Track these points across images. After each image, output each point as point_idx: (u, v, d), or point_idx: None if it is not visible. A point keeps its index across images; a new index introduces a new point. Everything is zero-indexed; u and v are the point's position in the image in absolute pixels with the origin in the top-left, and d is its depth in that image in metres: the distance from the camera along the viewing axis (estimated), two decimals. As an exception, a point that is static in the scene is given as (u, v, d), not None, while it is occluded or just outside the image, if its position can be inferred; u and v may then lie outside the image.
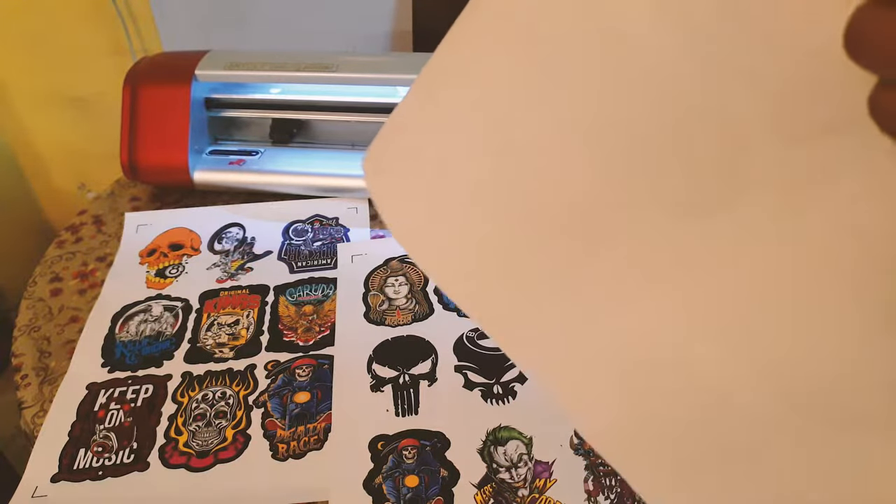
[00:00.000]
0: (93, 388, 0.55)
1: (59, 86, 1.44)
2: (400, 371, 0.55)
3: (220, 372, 0.56)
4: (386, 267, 0.65)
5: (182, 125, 0.73)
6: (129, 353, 0.58)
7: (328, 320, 0.60)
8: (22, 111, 1.49)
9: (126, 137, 0.74)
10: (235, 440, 0.51)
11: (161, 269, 0.67)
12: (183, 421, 0.53)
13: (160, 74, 0.76)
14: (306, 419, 0.52)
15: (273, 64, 0.74)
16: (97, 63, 1.38)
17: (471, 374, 0.55)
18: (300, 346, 0.58)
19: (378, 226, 0.72)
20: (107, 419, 0.53)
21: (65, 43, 1.38)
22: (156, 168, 0.74)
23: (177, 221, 0.73)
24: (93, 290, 0.65)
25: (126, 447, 0.51)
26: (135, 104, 0.74)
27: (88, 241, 0.72)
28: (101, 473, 0.49)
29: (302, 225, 0.72)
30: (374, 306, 0.61)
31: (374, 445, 0.50)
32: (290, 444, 0.51)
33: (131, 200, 0.78)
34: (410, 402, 0.53)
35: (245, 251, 0.69)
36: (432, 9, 1.16)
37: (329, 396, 0.53)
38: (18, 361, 0.59)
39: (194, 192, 0.77)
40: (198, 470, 0.49)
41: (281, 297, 0.63)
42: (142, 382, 0.56)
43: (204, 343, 0.59)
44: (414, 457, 0.49)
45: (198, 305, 0.63)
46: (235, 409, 0.53)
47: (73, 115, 1.47)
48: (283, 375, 0.56)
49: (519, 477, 0.47)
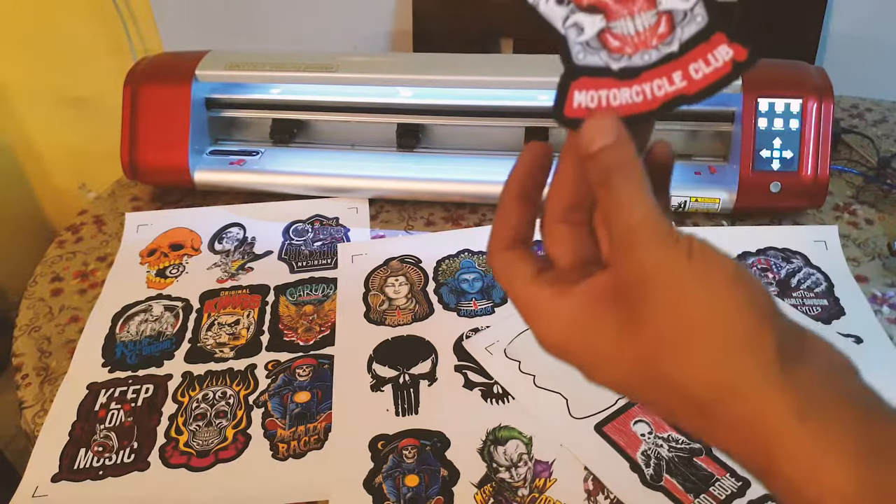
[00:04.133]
0: (93, 387, 0.55)
1: (60, 86, 1.44)
2: (400, 371, 0.55)
3: (221, 372, 0.56)
4: (386, 267, 0.65)
5: (182, 125, 0.73)
6: (129, 353, 0.58)
7: (328, 320, 0.60)
8: (22, 111, 1.49)
9: (126, 137, 0.74)
10: (236, 440, 0.51)
11: (161, 269, 0.67)
12: (183, 421, 0.53)
13: (160, 74, 0.76)
14: (306, 419, 0.52)
15: (273, 64, 0.74)
16: (97, 63, 1.39)
17: (471, 374, 0.55)
18: (300, 345, 0.58)
19: (378, 226, 0.72)
20: (107, 419, 0.53)
21: (65, 43, 1.38)
22: (156, 168, 0.74)
23: (177, 221, 0.73)
24: (93, 290, 0.65)
25: (126, 447, 0.51)
26: (135, 104, 0.74)
27: (89, 240, 0.72)
28: (102, 473, 0.49)
29: (302, 225, 0.72)
30: (374, 306, 0.61)
31: (375, 445, 0.50)
32: (291, 443, 0.51)
33: (132, 200, 0.78)
34: (410, 402, 0.53)
35: (245, 251, 0.69)
36: (432, 9, 1.16)
37: (329, 396, 0.54)
38: (19, 361, 0.59)
39: (195, 192, 0.77)
40: (198, 469, 0.49)
41: (281, 297, 0.63)
42: (142, 382, 0.56)
43: (204, 343, 0.59)
44: (414, 456, 0.49)
45: (198, 305, 0.63)
46: (236, 409, 0.53)
47: (74, 115, 1.47)
48: (284, 375, 0.56)
49: (519, 476, 0.47)
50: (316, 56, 0.75)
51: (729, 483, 0.46)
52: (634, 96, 0.26)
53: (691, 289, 0.23)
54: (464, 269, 0.64)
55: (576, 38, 0.26)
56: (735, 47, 0.25)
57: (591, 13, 0.26)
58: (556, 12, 0.26)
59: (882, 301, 0.60)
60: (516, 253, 0.28)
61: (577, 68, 0.27)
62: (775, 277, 0.62)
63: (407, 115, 0.75)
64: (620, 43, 0.26)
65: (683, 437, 0.49)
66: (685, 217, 0.70)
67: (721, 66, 0.25)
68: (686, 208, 0.69)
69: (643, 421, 0.50)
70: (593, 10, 0.26)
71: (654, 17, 0.26)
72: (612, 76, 0.26)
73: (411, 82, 0.74)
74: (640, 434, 0.49)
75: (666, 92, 0.26)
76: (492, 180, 0.71)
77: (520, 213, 0.28)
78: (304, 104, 0.77)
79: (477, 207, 0.73)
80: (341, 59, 0.74)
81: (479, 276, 0.64)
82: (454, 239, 0.68)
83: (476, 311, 0.60)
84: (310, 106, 0.77)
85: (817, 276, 0.62)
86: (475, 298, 0.61)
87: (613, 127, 0.25)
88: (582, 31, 0.26)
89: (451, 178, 0.72)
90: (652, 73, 0.26)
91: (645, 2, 0.26)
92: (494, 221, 0.28)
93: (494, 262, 0.28)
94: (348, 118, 0.77)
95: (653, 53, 0.26)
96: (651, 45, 0.26)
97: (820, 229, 0.67)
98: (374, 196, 0.74)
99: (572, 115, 0.26)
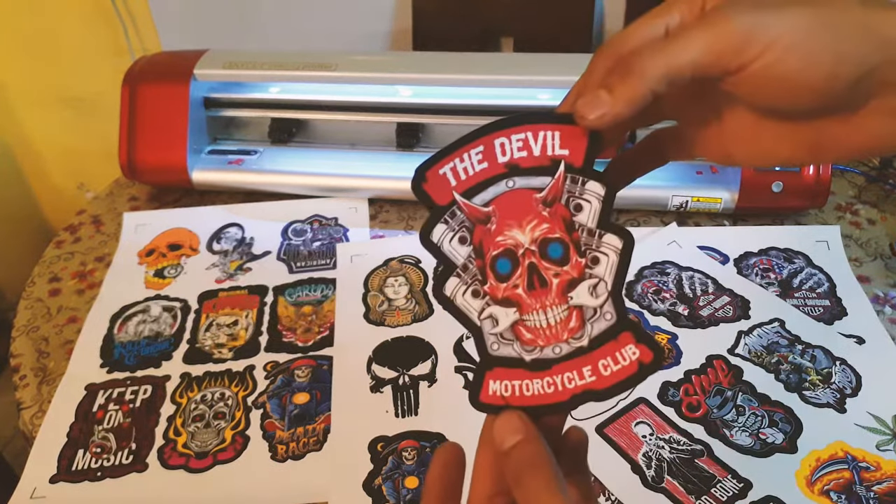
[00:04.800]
0: (91, 388, 0.55)
1: (59, 86, 1.44)
2: (400, 372, 0.55)
3: (219, 373, 0.56)
4: (385, 267, 0.65)
5: (181, 125, 0.73)
6: (127, 354, 0.58)
7: (327, 321, 0.60)
8: (21, 111, 1.48)
9: (125, 137, 0.74)
10: (234, 441, 0.51)
11: (160, 270, 0.67)
12: (182, 422, 0.52)
13: (159, 74, 0.75)
14: (305, 420, 0.52)
15: (272, 63, 0.74)
16: (96, 63, 1.38)
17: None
18: (299, 346, 0.58)
19: (377, 226, 0.71)
20: (105, 420, 0.53)
21: (64, 43, 1.38)
22: (154, 168, 0.74)
23: (175, 221, 0.73)
24: (91, 291, 0.65)
25: (125, 448, 0.51)
26: (133, 104, 0.74)
27: (87, 241, 0.72)
28: (100, 474, 0.49)
29: (301, 225, 0.72)
30: (373, 307, 0.61)
31: (374, 446, 0.49)
32: (290, 445, 0.50)
33: (130, 200, 0.78)
34: (410, 403, 0.53)
35: (244, 251, 0.69)
36: (432, 8, 1.16)
37: (328, 397, 0.53)
38: (17, 362, 0.58)
39: (193, 192, 0.76)
40: (197, 471, 0.49)
41: (280, 298, 0.63)
42: (140, 383, 0.55)
43: (203, 344, 0.59)
44: (414, 458, 0.49)
45: (196, 306, 0.62)
46: (234, 410, 0.53)
47: (72, 114, 1.46)
48: (283, 376, 0.55)
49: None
50: (315, 55, 0.74)
51: (730, 484, 0.46)
52: (546, 387, 0.26)
53: None
54: (464, 270, 0.64)
55: (490, 330, 0.27)
56: (641, 348, 0.26)
57: (506, 306, 0.27)
58: (473, 305, 0.27)
59: (884, 301, 0.60)
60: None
61: (491, 359, 0.27)
62: (777, 278, 0.62)
63: (406, 115, 0.75)
64: (533, 336, 0.27)
65: (685, 439, 0.49)
66: (686, 217, 0.70)
67: (628, 365, 0.26)
68: (687, 208, 0.69)
69: (644, 422, 0.50)
70: (508, 303, 0.27)
71: (565, 312, 0.27)
72: (525, 367, 0.27)
73: (411, 81, 0.74)
74: (642, 436, 0.49)
75: (576, 385, 0.26)
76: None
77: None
78: (303, 103, 0.77)
79: (477, 207, 0.72)
80: (340, 58, 0.74)
81: (479, 276, 0.63)
82: (454, 239, 0.67)
83: (476, 311, 0.60)
84: (309, 105, 0.77)
85: (819, 276, 0.62)
86: (475, 299, 0.61)
87: (521, 425, 0.26)
88: (496, 324, 0.27)
89: (451, 178, 0.72)
90: (563, 367, 0.26)
91: (557, 296, 0.27)
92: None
93: None
94: (347, 117, 0.77)
95: (563, 347, 0.26)
96: (562, 338, 0.27)
97: (822, 229, 0.67)
98: (373, 196, 0.74)
99: (487, 401, 0.27)
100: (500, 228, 0.27)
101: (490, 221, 0.27)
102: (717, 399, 0.51)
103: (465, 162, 0.28)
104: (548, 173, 0.27)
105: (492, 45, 1.17)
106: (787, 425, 0.49)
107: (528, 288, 0.27)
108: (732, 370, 0.54)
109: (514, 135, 0.27)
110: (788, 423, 0.50)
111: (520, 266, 0.27)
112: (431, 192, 0.28)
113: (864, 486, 0.46)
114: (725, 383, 0.53)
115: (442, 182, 0.28)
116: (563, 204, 0.27)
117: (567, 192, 0.27)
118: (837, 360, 0.54)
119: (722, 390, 0.52)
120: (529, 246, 0.27)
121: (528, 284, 0.27)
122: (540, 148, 0.27)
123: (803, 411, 0.50)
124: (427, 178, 0.28)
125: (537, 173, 0.27)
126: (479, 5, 1.12)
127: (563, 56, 0.75)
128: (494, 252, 0.27)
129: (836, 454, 0.48)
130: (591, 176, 0.27)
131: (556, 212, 0.27)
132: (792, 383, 0.52)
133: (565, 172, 0.27)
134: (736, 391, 0.52)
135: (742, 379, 0.53)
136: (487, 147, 0.27)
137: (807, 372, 0.53)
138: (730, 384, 0.53)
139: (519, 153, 0.27)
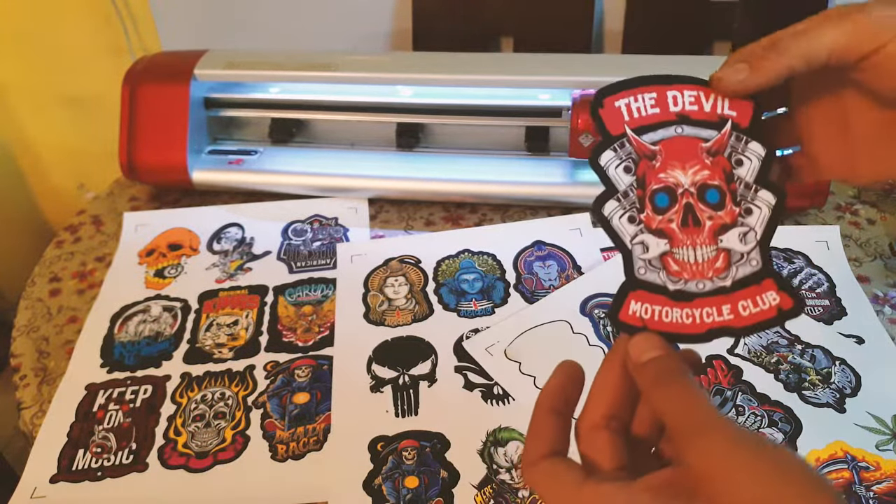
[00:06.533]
0: (91, 388, 0.55)
1: (59, 86, 1.44)
2: (400, 372, 0.55)
3: (220, 373, 0.56)
4: (385, 267, 0.65)
5: (181, 125, 0.73)
6: (127, 354, 0.58)
7: (327, 321, 0.60)
8: (21, 111, 1.48)
9: (125, 137, 0.74)
10: (234, 441, 0.51)
11: (160, 270, 0.67)
12: (182, 422, 0.53)
13: (159, 74, 0.75)
14: (306, 420, 0.52)
15: (272, 63, 0.74)
16: (96, 63, 1.38)
17: (471, 375, 0.54)
18: (299, 346, 0.58)
19: (377, 226, 0.71)
20: (106, 420, 0.53)
21: (64, 43, 1.38)
22: (155, 168, 0.74)
23: (175, 221, 0.73)
24: (91, 291, 0.65)
25: (125, 448, 0.51)
26: (134, 104, 0.74)
27: (87, 241, 0.72)
28: (100, 474, 0.49)
29: (301, 225, 0.72)
30: (373, 307, 0.61)
31: (374, 446, 0.50)
32: (290, 444, 0.50)
33: (130, 200, 0.78)
34: (410, 403, 0.53)
35: (244, 251, 0.69)
36: (432, 7, 1.16)
37: (328, 397, 0.53)
38: (17, 362, 0.58)
39: (193, 192, 0.76)
40: (197, 471, 0.49)
41: (280, 298, 0.63)
42: (141, 383, 0.56)
43: (203, 344, 0.59)
44: (414, 458, 0.49)
45: (197, 306, 0.62)
46: (234, 410, 0.53)
47: (72, 115, 1.46)
48: (283, 376, 0.56)
49: (519, 478, 0.47)
50: (315, 55, 0.74)
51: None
52: (684, 318, 0.28)
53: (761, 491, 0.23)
54: (464, 270, 0.64)
55: (640, 255, 0.29)
56: (783, 295, 0.28)
57: (658, 236, 0.29)
58: (627, 229, 0.29)
59: (884, 301, 0.60)
60: (557, 462, 0.27)
61: (636, 281, 0.29)
62: (776, 277, 0.62)
63: (406, 115, 0.75)
64: (679, 268, 0.29)
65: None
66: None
67: (767, 309, 0.28)
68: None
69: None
70: (660, 233, 0.29)
71: (713, 252, 0.29)
72: (667, 295, 0.29)
73: (411, 81, 0.74)
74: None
75: (714, 320, 0.28)
76: (492, 180, 0.70)
77: (554, 427, 0.28)
78: (304, 103, 0.77)
79: (477, 207, 0.72)
80: (340, 58, 0.74)
81: (479, 276, 0.63)
82: (454, 239, 0.68)
83: (476, 311, 0.60)
84: (309, 105, 0.77)
85: (819, 276, 0.62)
86: (475, 299, 0.61)
87: (661, 343, 0.28)
88: (647, 250, 0.29)
89: (451, 178, 0.72)
90: (704, 301, 0.28)
91: (708, 237, 0.29)
92: (528, 435, 0.29)
93: (534, 472, 0.28)
94: (347, 117, 0.77)
95: (707, 283, 0.29)
96: (707, 275, 0.29)
97: (821, 229, 0.67)
98: (373, 196, 0.74)
99: (626, 320, 0.29)
100: (664, 166, 0.29)
101: (656, 158, 0.29)
102: (717, 399, 0.52)
103: (638, 102, 0.30)
104: (715, 128, 0.29)
105: (492, 45, 1.17)
106: (786, 425, 0.50)
107: (682, 224, 0.29)
108: (732, 370, 0.54)
109: (686, 91, 0.30)
110: (788, 423, 0.50)
111: (677, 203, 0.29)
112: (606, 119, 0.30)
113: (864, 486, 0.46)
114: (725, 383, 0.53)
115: (616, 114, 0.30)
116: (725, 157, 0.29)
117: (730, 147, 0.29)
118: (837, 359, 0.54)
119: (721, 390, 0.52)
120: (689, 188, 0.29)
121: (682, 221, 0.29)
122: (710, 106, 0.30)
123: (803, 411, 0.50)
124: (604, 105, 0.30)
125: (706, 126, 0.29)
126: (479, 5, 1.12)
127: (563, 56, 0.75)
128: (655, 186, 0.29)
129: (835, 454, 0.48)
130: (755, 137, 0.29)
131: (718, 162, 0.29)
132: (791, 383, 0.52)
133: (731, 130, 0.29)
134: (735, 391, 0.52)
135: (742, 379, 0.53)
136: (660, 95, 0.30)
137: (806, 372, 0.53)
138: (729, 384, 0.53)
139: (690, 106, 0.30)
